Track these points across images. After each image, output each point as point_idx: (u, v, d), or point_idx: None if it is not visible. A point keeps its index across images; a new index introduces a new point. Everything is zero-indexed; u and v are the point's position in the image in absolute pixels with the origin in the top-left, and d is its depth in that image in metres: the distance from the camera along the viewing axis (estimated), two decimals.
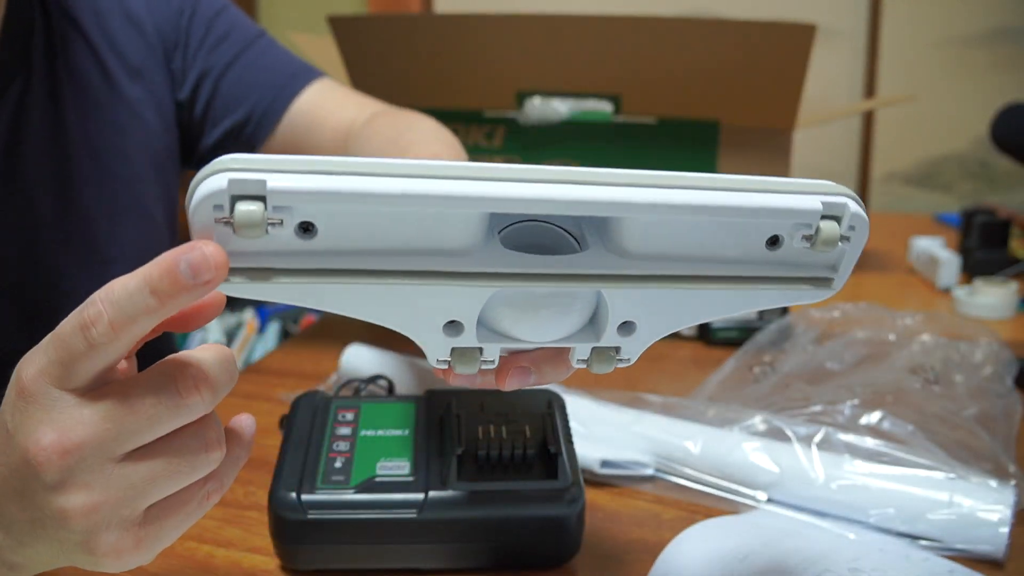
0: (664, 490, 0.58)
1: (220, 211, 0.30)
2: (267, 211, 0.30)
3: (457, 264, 0.34)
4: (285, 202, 0.30)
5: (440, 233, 0.33)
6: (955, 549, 0.51)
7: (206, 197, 0.30)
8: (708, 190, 0.33)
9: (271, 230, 0.31)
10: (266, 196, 0.30)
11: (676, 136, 0.99)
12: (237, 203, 0.30)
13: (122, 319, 0.31)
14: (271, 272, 0.32)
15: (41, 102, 0.65)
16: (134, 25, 0.71)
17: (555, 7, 1.33)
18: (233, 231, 0.30)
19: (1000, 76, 1.56)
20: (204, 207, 0.30)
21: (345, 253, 0.33)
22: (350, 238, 0.32)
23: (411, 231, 0.33)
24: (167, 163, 0.74)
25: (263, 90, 0.75)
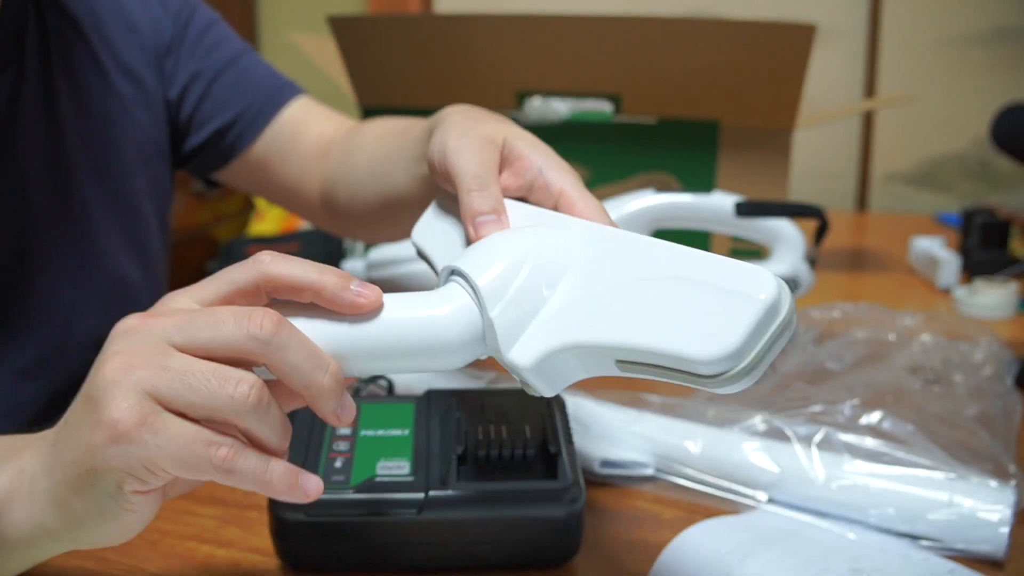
0: (664, 490, 0.58)
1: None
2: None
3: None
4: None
5: None
6: (955, 549, 0.51)
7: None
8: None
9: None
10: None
11: (676, 136, 0.99)
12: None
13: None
14: None
15: (35, 94, 0.65)
16: (129, 26, 0.72)
17: (555, 7, 1.33)
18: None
19: (1000, 76, 1.56)
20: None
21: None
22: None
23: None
24: (156, 158, 0.75)
25: (253, 96, 0.77)
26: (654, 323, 0.36)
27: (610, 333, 0.37)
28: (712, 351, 0.34)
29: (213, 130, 0.77)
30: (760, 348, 0.34)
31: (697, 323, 0.35)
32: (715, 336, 0.34)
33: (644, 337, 0.36)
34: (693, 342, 0.35)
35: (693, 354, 0.34)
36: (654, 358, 0.36)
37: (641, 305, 0.37)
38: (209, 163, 0.79)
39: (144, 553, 0.51)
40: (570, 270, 0.41)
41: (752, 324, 0.34)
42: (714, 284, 0.36)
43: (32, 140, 0.65)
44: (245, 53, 0.79)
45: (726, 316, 0.34)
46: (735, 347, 0.34)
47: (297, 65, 1.50)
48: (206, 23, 0.77)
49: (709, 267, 0.37)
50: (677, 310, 0.36)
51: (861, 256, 1.24)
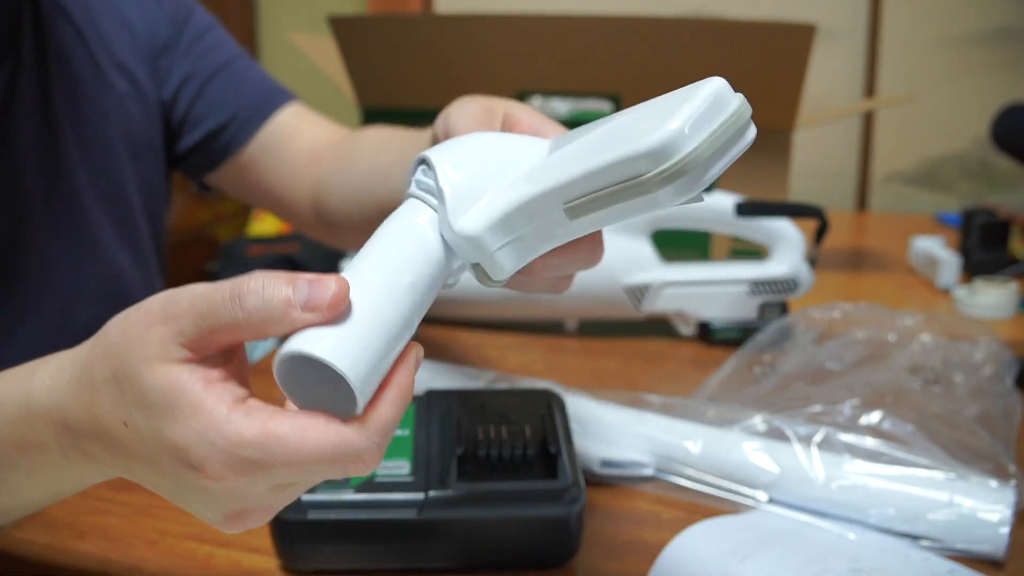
0: (664, 490, 0.58)
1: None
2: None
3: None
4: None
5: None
6: (955, 549, 0.51)
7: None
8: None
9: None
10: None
11: None
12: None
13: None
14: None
15: (30, 89, 0.65)
16: (124, 24, 0.73)
17: (555, 7, 1.33)
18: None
19: (1000, 76, 1.56)
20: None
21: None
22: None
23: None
24: (148, 155, 0.75)
25: (246, 100, 0.77)
26: (591, 152, 0.35)
27: (552, 178, 0.37)
28: (646, 141, 0.32)
29: (206, 131, 0.77)
30: (704, 140, 0.32)
31: (633, 131, 0.34)
32: (655, 128, 0.33)
33: (584, 163, 0.35)
34: (627, 144, 0.33)
35: (626, 152, 0.33)
36: (593, 179, 0.35)
37: (581, 148, 0.37)
38: (201, 165, 0.79)
39: (144, 553, 0.51)
40: (533, 160, 0.41)
41: (693, 110, 0.32)
42: (657, 104, 0.35)
43: (27, 133, 0.65)
44: (240, 57, 0.79)
45: (663, 115, 0.33)
46: (669, 132, 0.32)
47: (297, 65, 1.50)
48: (203, 26, 0.78)
49: (658, 99, 0.36)
50: (616, 133, 0.35)
51: (861, 256, 1.24)
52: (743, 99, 0.34)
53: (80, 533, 0.53)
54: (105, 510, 0.55)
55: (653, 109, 0.35)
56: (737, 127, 0.34)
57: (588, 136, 0.38)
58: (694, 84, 0.34)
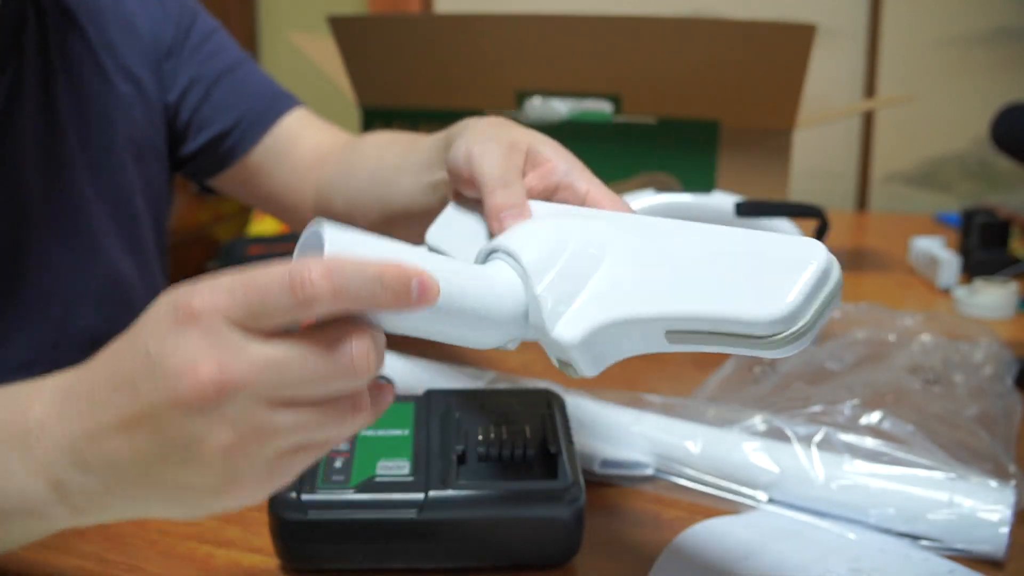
0: (664, 490, 0.58)
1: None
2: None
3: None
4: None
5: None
6: (955, 549, 0.51)
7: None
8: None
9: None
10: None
11: (676, 136, 0.99)
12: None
13: (344, 294, 0.32)
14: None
15: (33, 91, 0.65)
16: (129, 27, 0.73)
17: (555, 7, 1.33)
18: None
19: (1000, 76, 1.56)
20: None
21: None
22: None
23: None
24: (151, 158, 0.75)
25: (251, 104, 0.78)
26: (708, 290, 0.37)
27: (663, 304, 0.37)
28: (770, 311, 0.34)
29: (211, 136, 0.77)
30: (815, 310, 0.35)
31: (752, 287, 0.36)
32: (772, 297, 0.35)
33: (699, 304, 0.36)
34: (750, 304, 0.35)
35: (751, 316, 0.35)
36: (709, 324, 0.36)
37: (691, 275, 0.38)
38: (205, 168, 0.79)
39: (144, 553, 0.51)
40: (612, 251, 0.41)
41: (809, 285, 0.35)
42: (765, 252, 0.36)
43: (29, 136, 0.65)
44: (245, 62, 0.80)
45: (781, 279, 0.35)
46: (794, 306, 0.34)
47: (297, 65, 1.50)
48: (207, 30, 0.78)
49: (757, 238, 0.37)
50: (730, 277, 0.37)
51: (861, 256, 1.24)
52: (837, 264, 0.37)
53: (80, 533, 0.53)
54: None
55: (761, 259, 0.36)
56: (836, 292, 0.36)
57: (688, 258, 0.39)
58: (798, 244, 0.36)
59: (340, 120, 0.83)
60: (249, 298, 0.32)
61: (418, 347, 0.62)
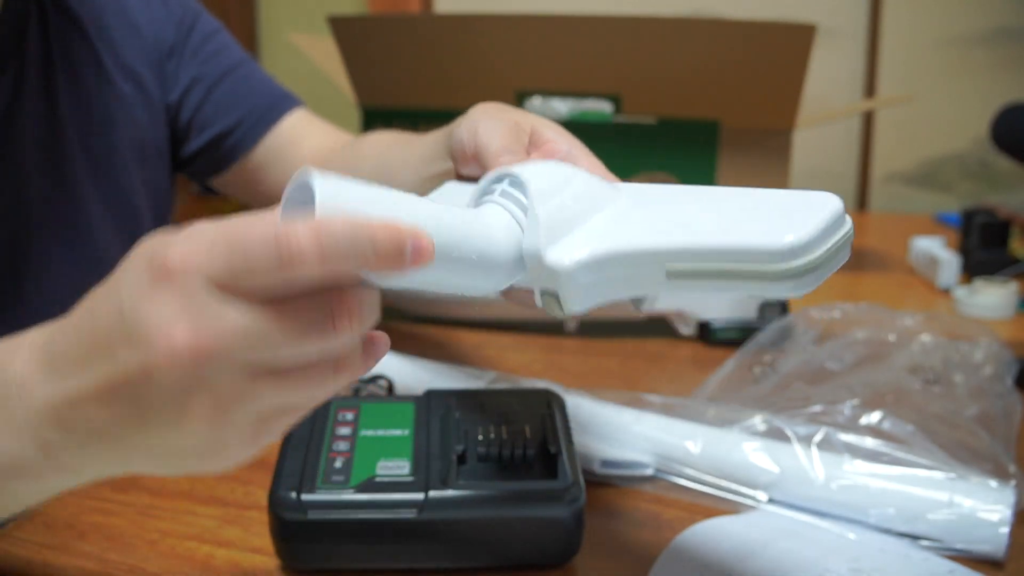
0: (664, 490, 0.58)
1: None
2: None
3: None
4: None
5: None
6: (955, 549, 0.51)
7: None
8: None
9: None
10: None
11: (676, 136, 0.99)
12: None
13: (333, 256, 0.30)
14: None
15: (36, 91, 0.65)
16: (131, 28, 0.73)
17: (555, 7, 1.33)
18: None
19: (1000, 76, 1.56)
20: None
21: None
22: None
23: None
24: (154, 158, 0.75)
25: (253, 104, 0.78)
26: (715, 226, 0.36)
27: (666, 237, 0.36)
28: (785, 240, 0.34)
29: (212, 135, 0.77)
30: (828, 249, 0.35)
31: (764, 224, 0.35)
32: (787, 229, 0.35)
33: (706, 237, 0.36)
34: (762, 235, 0.35)
35: (763, 244, 0.34)
36: (715, 258, 0.35)
37: (701, 215, 0.37)
38: (207, 168, 0.79)
39: (144, 553, 0.51)
40: (620, 196, 0.41)
41: (823, 223, 0.35)
42: (778, 200, 0.37)
43: (31, 136, 0.65)
44: (246, 62, 0.80)
45: (795, 217, 0.35)
46: (807, 237, 0.34)
47: (297, 65, 1.50)
48: (209, 30, 0.78)
49: (770, 192, 0.38)
50: (742, 216, 0.36)
51: (861, 256, 1.24)
52: (850, 219, 0.37)
53: (80, 533, 0.53)
54: (105, 510, 0.55)
55: (772, 204, 0.37)
56: (847, 242, 0.36)
57: (695, 204, 0.39)
58: (810, 194, 0.37)
59: (340, 120, 0.83)
60: (231, 257, 0.30)
61: (418, 347, 0.62)
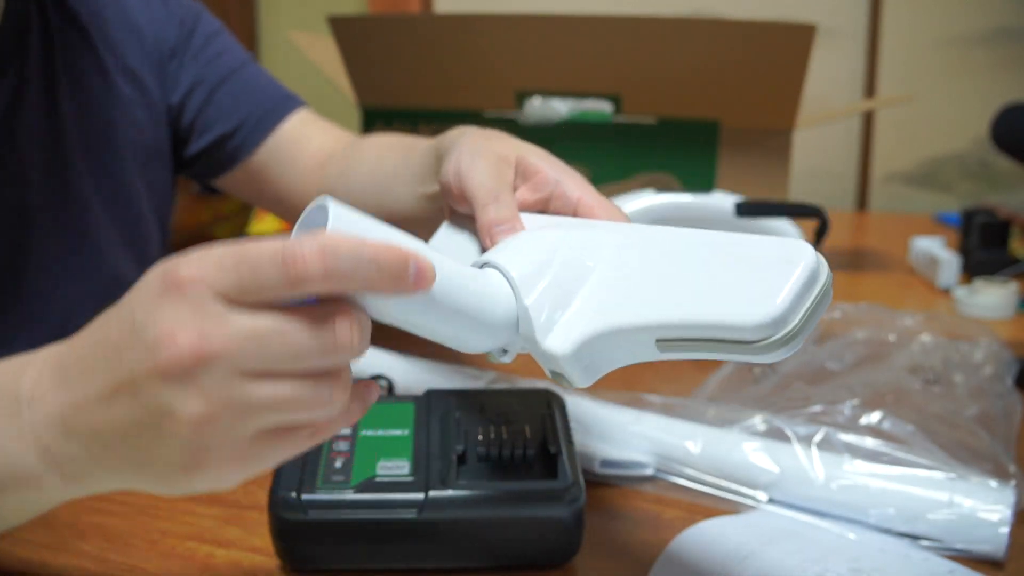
0: (664, 490, 0.58)
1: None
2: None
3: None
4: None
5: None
6: (955, 549, 0.51)
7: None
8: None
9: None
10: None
11: (676, 136, 0.99)
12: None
13: (337, 275, 0.31)
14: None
15: (37, 92, 0.65)
16: (133, 30, 0.73)
17: (555, 7, 1.33)
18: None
19: (1000, 76, 1.56)
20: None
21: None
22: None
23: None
24: (155, 160, 0.75)
25: (256, 105, 0.78)
26: (695, 297, 0.36)
27: (651, 312, 0.37)
28: (757, 316, 0.34)
29: (214, 137, 0.77)
30: (803, 313, 0.34)
31: (739, 292, 0.35)
32: (759, 301, 0.34)
33: (687, 311, 0.36)
34: (737, 309, 0.35)
35: (738, 321, 0.34)
36: (698, 331, 0.36)
37: (679, 283, 0.37)
38: (209, 170, 0.79)
39: (144, 553, 0.51)
40: (601, 261, 0.41)
41: (796, 288, 0.34)
42: (751, 256, 0.36)
43: (32, 137, 0.65)
44: (248, 63, 0.80)
45: (768, 282, 0.35)
46: (781, 310, 0.34)
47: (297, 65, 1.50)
48: (211, 31, 0.78)
49: (743, 242, 0.37)
50: (717, 282, 0.36)
51: (861, 256, 1.24)
52: (827, 266, 0.36)
53: (80, 533, 0.53)
54: (105, 510, 0.55)
55: (749, 262, 0.36)
56: (825, 294, 0.36)
57: (677, 265, 0.38)
58: (786, 246, 0.36)
59: (340, 120, 0.83)
60: (239, 271, 0.32)
61: (418, 347, 0.62)
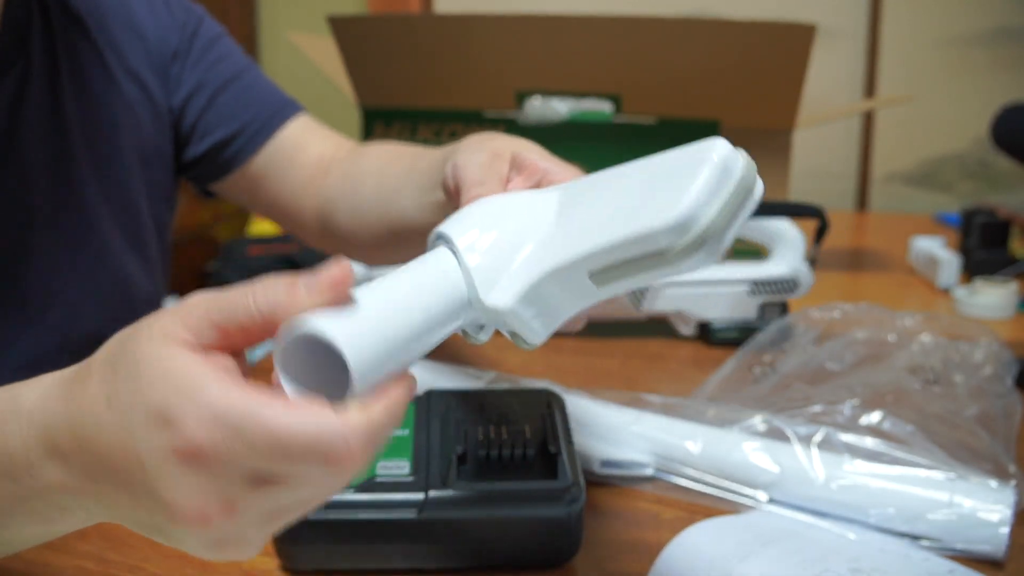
0: (664, 490, 0.58)
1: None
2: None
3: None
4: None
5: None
6: (955, 549, 0.51)
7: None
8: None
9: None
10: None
11: (676, 136, 0.99)
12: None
13: (374, 446, 0.32)
14: None
15: (40, 93, 0.65)
16: (135, 32, 0.73)
17: (555, 7, 1.33)
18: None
19: (1000, 76, 1.56)
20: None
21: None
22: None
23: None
24: (157, 161, 0.75)
25: (255, 112, 0.77)
26: (613, 220, 0.36)
27: (573, 248, 0.37)
28: (666, 217, 0.33)
29: (213, 142, 0.77)
30: (719, 209, 0.33)
31: (651, 203, 0.34)
32: (668, 204, 0.33)
33: (603, 235, 0.36)
34: (648, 217, 0.34)
35: (649, 227, 0.33)
36: (618, 252, 0.35)
37: (603, 214, 0.37)
38: (207, 175, 0.79)
39: (144, 553, 0.51)
40: (543, 217, 0.41)
41: (703, 182, 0.33)
42: (668, 167, 0.35)
43: (35, 138, 0.65)
44: (249, 68, 0.79)
45: (676, 184, 0.34)
46: (687, 208, 0.33)
47: (297, 65, 1.50)
48: (212, 35, 0.78)
49: (664, 157, 0.36)
50: (634, 202, 0.36)
51: (861, 256, 1.24)
52: (747, 157, 0.35)
53: (80, 533, 0.53)
54: None
55: (662, 173, 0.36)
56: (746, 187, 0.34)
57: (600, 199, 0.39)
58: (698, 146, 0.35)
59: (340, 120, 0.83)
60: (274, 459, 0.30)
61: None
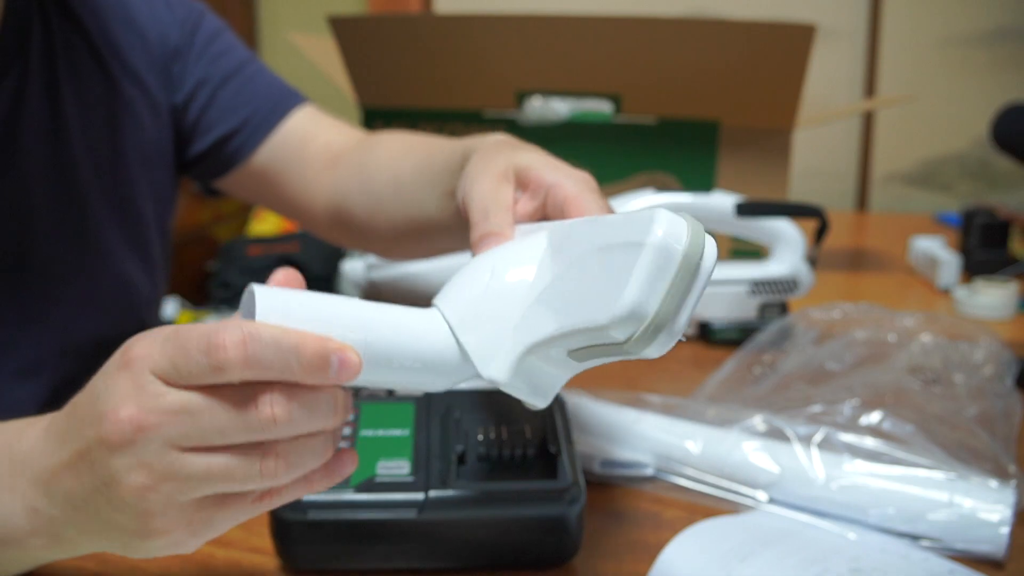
0: (664, 490, 0.58)
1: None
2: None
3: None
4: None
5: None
6: (955, 549, 0.51)
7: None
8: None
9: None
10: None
11: (676, 136, 0.99)
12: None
13: (256, 364, 0.34)
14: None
15: (39, 95, 0.65)
16: (135, 31, 0.72)
17: (555, 7, 1.33)
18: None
19: (1000, 76, 1.56)
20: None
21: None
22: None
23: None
24: (158, 162, 0.75)
25: (257, 105, 0.77)
26: (572, 303, 0.36)
27: (544, 326, 0.37)
28: (613, 312, 0.32)
29: (216, 137, 0.76)
30: (663, 298, 0.32)
31: (600, 289, 0.33)
32: (613, 297, 0.32)
33: (565, 320, 0.35)
34: (598, 310, 0.33)
35: (601, 321, 0.33)
36: (579, 339, 0.35)
37: (564, 290, 0.37)
38: (211, 170, 0.79)
39: None
40: (522, 278, 0.41)
41: (642, 275, 0.32)
42: (609, 244, 0.34)
43: (35, 140, 0.65)
44: (251, 62, 0.79)
45: (618, 273, 0.32)
46: (630, 303, 0.32)
47: (297, 65, 1.50)
48: (213, 31, 0.77)
49: (606, 229, 0.35)
50: (587, 283, 0.35)
51: (861, 256, 1.24)
52: (690, 227, 0.33)
53: None
54: None
55: (608, 256, 0.34)
56: (690, 267, 0.32)
57: (570, 270, 0.37)
58: (639, 222, 0.33)
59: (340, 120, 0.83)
60: (173, 354, 0.35)
61: None
